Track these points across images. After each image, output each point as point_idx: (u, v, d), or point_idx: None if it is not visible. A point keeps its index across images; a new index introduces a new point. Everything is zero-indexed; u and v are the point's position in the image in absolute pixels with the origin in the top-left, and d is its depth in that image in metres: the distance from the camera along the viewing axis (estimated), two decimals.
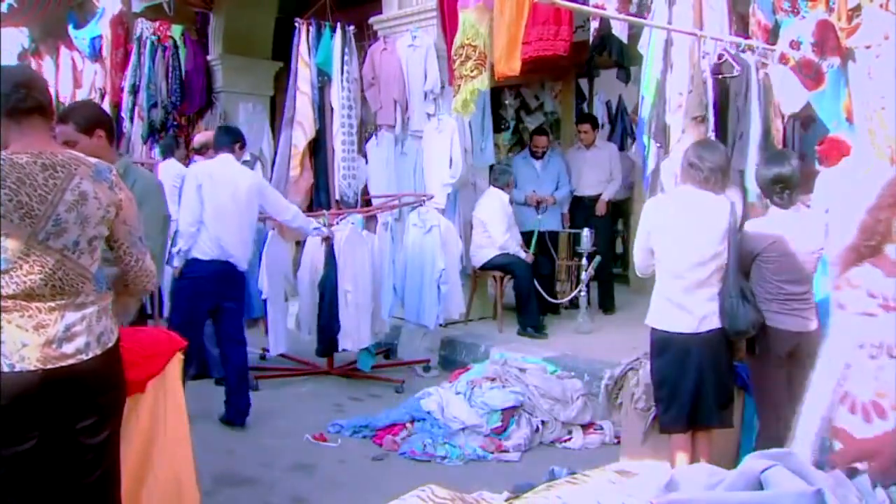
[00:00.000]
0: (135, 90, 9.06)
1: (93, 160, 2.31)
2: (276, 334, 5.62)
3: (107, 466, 2.35)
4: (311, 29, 6.94)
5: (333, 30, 6.84)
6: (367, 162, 7.00)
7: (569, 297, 6.98)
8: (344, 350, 5.70)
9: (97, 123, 3.11)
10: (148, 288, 2.50)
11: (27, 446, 2.18)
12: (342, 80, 6.73)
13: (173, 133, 8.85)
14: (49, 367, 2.17)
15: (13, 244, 2.14)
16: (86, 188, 2.22)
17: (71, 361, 2.20)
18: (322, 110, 7.02)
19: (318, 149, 7.14)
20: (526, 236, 6.85)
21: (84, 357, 2.22)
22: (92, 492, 2.31)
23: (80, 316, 2.23)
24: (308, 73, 6.90)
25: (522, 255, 6.57)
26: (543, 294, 6.56)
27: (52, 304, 2.19)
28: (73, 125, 3.01)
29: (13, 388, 2.13)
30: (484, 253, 6.53)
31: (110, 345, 2.31)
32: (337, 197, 6.83)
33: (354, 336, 5.55)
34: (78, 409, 2.26)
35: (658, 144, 4.47)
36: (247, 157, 8.27)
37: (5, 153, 2.16)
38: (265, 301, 5.56)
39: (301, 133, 6.97)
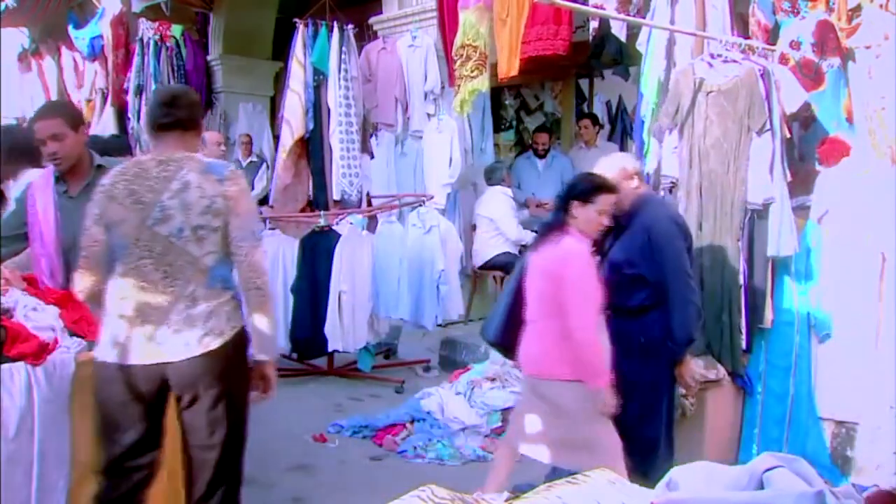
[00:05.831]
0: (139, 91, 9.04)
1: (208, 160, 2.58)
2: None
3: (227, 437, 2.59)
4: (309, 28, 6.92)
5: (331, 29, 6.82)
6: (371, 158, 6.92)
7: None
8: (336, 351, 5.70)
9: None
10: (257, 284, 2.51)
11: (139, 429, 2.46)
12: (339, 79, 6.70)
13: None
14: (147, 363, 2.40)
15: (127, 228, 2.44)
16: (190, 178, 2.46)
17: (168, 359, 2.40)
18: (319, 109, 7.00)
19: (314, 149, 7.12)
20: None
21: (188, 356, 2.40)
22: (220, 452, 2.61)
23: (185, 316, 2.40)
24: (301, 72, 6.84)
25: None
26: None
27: (161, 300, 2.40)
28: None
29: (114, 380, 2.40)
30: (490, 251, 6.47)
31: (213, 346, 2.43)
32: (336, 197, 6.77)
33: (349, 337, 5.54)
34: (184, 399, 2.47)
35: (659, 143, 4.46)
36: (253, 157, 8.28)
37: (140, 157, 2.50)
38: None
39: (288, 131, 6.89)
